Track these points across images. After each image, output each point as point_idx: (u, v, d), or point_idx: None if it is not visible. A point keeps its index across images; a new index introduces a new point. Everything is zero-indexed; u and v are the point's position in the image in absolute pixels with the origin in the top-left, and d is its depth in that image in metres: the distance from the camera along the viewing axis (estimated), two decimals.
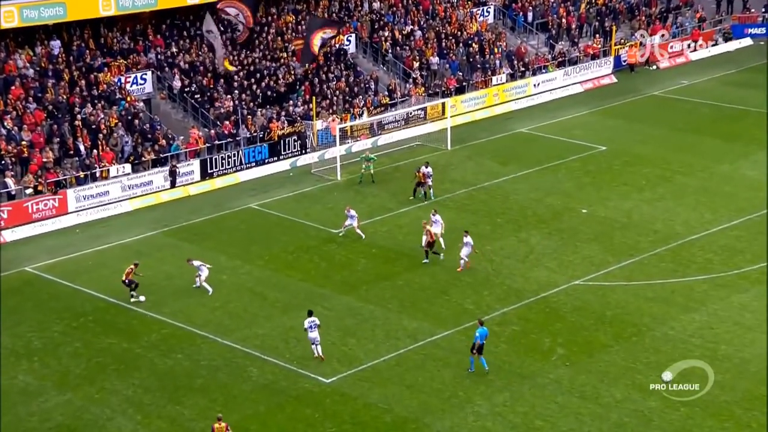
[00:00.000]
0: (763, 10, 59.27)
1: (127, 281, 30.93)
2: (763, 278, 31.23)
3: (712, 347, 27.56)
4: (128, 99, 42.53)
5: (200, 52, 46.03)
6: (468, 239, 32.50)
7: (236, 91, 44.85)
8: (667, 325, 29.01)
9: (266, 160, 43.54)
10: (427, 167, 38.88)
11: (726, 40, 58.43)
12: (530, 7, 56.05)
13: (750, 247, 33.34)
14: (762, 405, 25.00)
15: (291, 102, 45.75)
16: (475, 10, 54.92)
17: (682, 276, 31.82)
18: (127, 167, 39.97)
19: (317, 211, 38.47)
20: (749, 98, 49.33)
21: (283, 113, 45.05)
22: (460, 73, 50.76)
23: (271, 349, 28.48)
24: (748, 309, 29.37)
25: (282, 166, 43.59)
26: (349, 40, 50.47)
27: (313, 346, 27.65)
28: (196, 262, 31.79)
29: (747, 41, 58.30)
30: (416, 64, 50.19)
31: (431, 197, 38.18)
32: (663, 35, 56.36)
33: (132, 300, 30.94)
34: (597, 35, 55.77)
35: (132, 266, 31.13)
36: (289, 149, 44.21)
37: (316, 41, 45.90)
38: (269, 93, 45.70)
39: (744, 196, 37.52)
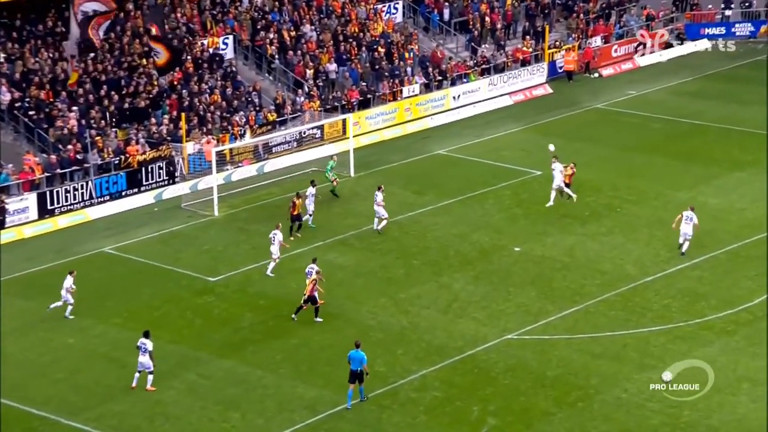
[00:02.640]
0: (722, 6, 61.86)
1: None
2: (730, 328, 32.30)
3: (674, 413, 28.28)
4: None
5: (37, 59, 45.33)
6: None
7: (82, 107, 44.30)
8: (619, 386, 29.67)
9: (124, 193, 43.06)
10: (313, 186, 39.80)
11: (679, 42, 60.77)
12: (446, 4, 57.21)
13: (714, 291, 34.45)
14: None
15: (154, 120, 45.41)
16: (380, 6, 55.76)
17: (636, 327, 32.62)
18: None
19: (190, 255, 38.15)
20: (708, 111, 51.28)
21: (144, 134, 44.67)
22: (364, 83, 51.34)
23: (131, 430, 28.03)
24: (714, 365, 30.28)
25: (144, 199, 43.17)
26: (226, 44, 50.53)
27: (137, 374, 28.85)
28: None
29: (704, 43, 60.75)
30: (310, 73, 50.54)
31: (310, 225, 38.85)
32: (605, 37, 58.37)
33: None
34: (527, 37, 57.25)
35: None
36: (152, 178, 43.82)
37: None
38: (126, 109, 45.27)
39: (706, 228, 38.81)
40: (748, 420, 27.92)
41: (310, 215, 39.59)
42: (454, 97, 52.99)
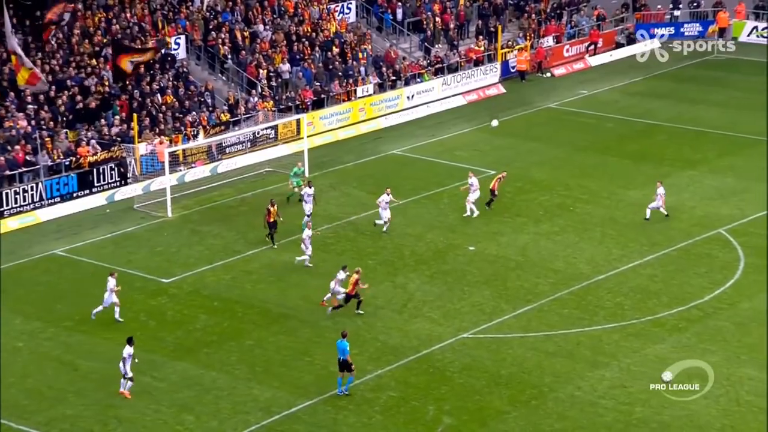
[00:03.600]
0: (671, 6, 62.63)
1: None
2: (681, 325, 32.70)
3: (626, 410, 28.57)
4: None
5: None
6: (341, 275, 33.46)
7: (32, 107, 43.82)
8: (572, 384, 29.93)
9: (75, 194, 42.67)
10: (310, 187, 39.66)
11: (629, 41, 61.40)
12: (399, 4, 57.35)
13: (666, 289, 34.85)
14: None
15: (105, 121, 45.06)
16: (333, 6, 55.75)
17: (589, 325, 32.92)
18: None
19: (143, 257, 37.91)
20: (659, 110, 51.87)
21: (95, 135, 44.31)
22: (318, 83, 51.31)
23: None
24: (665, 363, 30.62)
25: (96, 200, 42.84)
26: (178, 44, 50.25)
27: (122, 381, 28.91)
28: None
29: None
30: (263, 73, 50.42)
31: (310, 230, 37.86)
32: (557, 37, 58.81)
33: None
34: (480, 37, 57.55)
35: None
36: (104, 180, 43.48)
37: (125, 66, 45.93)
38: (76, 109, 44.85)
39: (657, 227, 39.30)
40: (699, 416, 28.29)
41: (309, 216, 38.94)
42: (407, 97, 53.11)
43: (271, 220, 37.60)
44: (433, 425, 28.22)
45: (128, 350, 28.99)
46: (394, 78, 53.36)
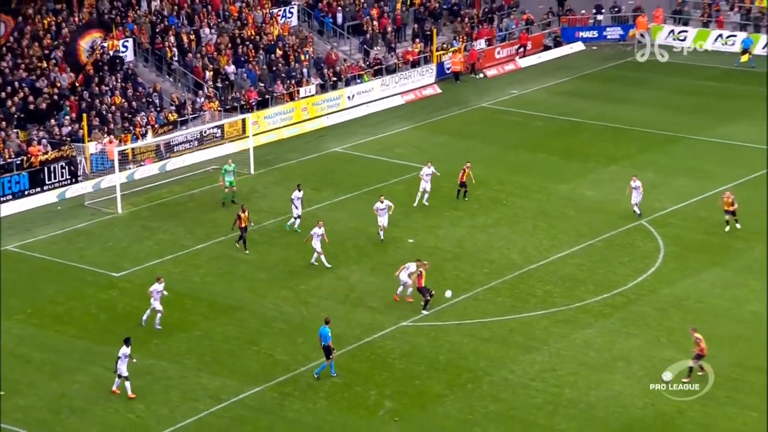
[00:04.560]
0: (594, 11, 63.30)
1: None
2: (606, 311, 33.06)
3: (556, 392, 28.84)
4: None
5: None
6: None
7: None
8: (506, 368, 30.15)
9: (26, 192, 42.04)
10: (299, 191, 38.58)
11: (556, 44, 61.93)
12: (339, 8, 57.25)
13: (592, 277, 35.23)
14: None
15: (55, 121, 44.40)
16: (275, 11, 55.47)
17: (521, 312, 33.19)
18: None
19: (94, 252, 37.44)
20: (584, 110, 52.38)
21: (46, 134, 43.64)
22: (262, 84, 51.04)
23: (37, 423, 27.44)
24: (592, 347, 31.00)
25: (47, 198, 42.21)
26: (126, 46, 49.67)
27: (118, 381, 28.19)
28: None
29: (578, 46, 62.07)
30: (209, 74, 50.03)
31: (296, 229, 37.14)
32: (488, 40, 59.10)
33: None
34: (416, 40, 57.65)
35: None
36: (55, 178, 42.87)
37: (84, 46, 45.00)
38: (27, 110, 44.11)
39: (584, 219, 39.69)
40: (623, 396, 28.67)
41: (298, 218, 38.16)
42: (348, 97, 53.03)
43: (242, 225, 36.64)
44: (374, 409, 28.27)
45: (124, 350, 28.31)
46: (335, 79, 53.25)
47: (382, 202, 37.52)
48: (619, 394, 28.71)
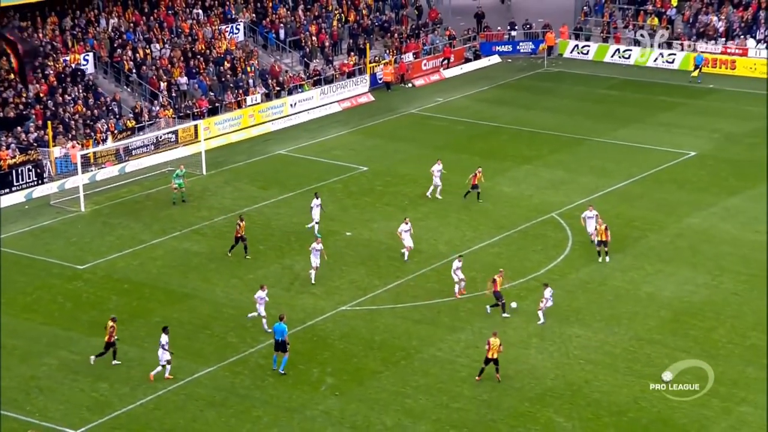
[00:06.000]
0: (508, 28, 64.02)
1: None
2: (522, 294, 33.44)
3: (478, 366, 29.02)
4: None
5: None
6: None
7: None
8: (434, 346, 30.34)
9: None
10: (316, 198, 37.22)
11: (476, 57, 62.41)
12: (281, 25, 56.97)
13: (510, 264, 35.55)
14: (526, 421, 26.73)
15: (22, 128, 43.56)
16: (223, 27, 54.99)
17: (448, 296, 33.37)
18: None
19: (59, 247, 36.84)
20: (502, 115, 52.84)
21: (14, 140, 42.76)
22: (212, 94, 50.59)
23: (9, 402, 27.00)
24: (510, 326, 31.32)
25: (15, 198, 41.43)
26: (87, 60, 48.91)
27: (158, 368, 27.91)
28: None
29: (495, 58, 62.62)
30: (163, 85, 49.44)
31: (316, 234, 36.10)
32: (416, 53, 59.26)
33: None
34: (351, 53, 57.62)
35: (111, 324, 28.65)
36: (23, 179, 42.07)
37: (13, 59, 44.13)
38: None
39: (502, 213, 40.06)
40: (537, 369, 29.06)
41: (317, 223, 37.22)
42: (291, 105, 52.79)
43: (239, 235, 35.54)
44: (317, 385, 28.26)
45: (165, 338, 27.82)
46: (278, 89, 52.99)
47: (407, 224, 35.49)
48: (533, 367, 29.08)
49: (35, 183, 42.37)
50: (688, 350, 29.69)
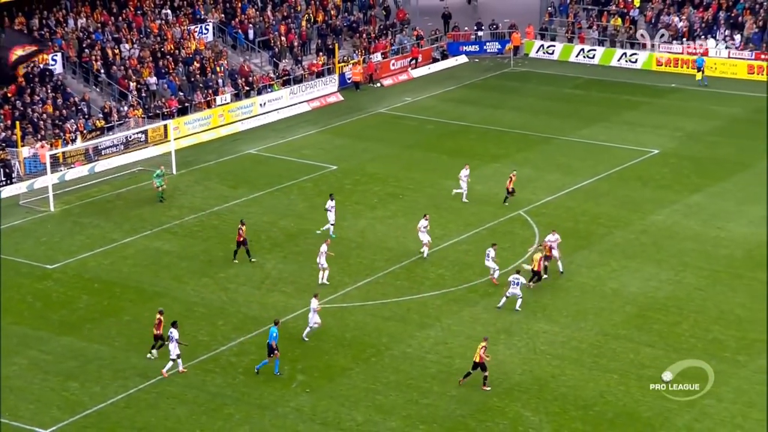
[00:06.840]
0: (475, 28, 64.25)
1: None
2: (491, 291, 33.60)
3: (447, 362, 29.23)
4: None
5: None
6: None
7: None
8: (404, 343, 30.41)
9: None
10: (331, 200, 36.79)
11: (443, 57, 62.55)
12: (250, 25, 56.77)
13: (478, 261, 35.65)
14: (494, 416, 26.87)
15: None
16: (192, 27, 54.69)
17: (417, 293, 33.48)
18: None
19: (29, 246, 36.50)
20: (469, 114, 53.03)
21: None
22: (182, 93, 50.29)
23: None
24: (479, 322, 31.48)
25: None
26: (55, 60, 48.41)
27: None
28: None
29: (462, 58, 62.82)
30: (133, 85, 49.07)
31: (331, 235, 35.90)
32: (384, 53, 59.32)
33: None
34: (320, 53, 57.54)
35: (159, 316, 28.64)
36: None
37: (14, 58, 43.55)
38: None
39: (470, 210, 40.20)
40: (505, 364, 29.20)
41: (332, 225, 36.90)
42: (260, 105, 52.63)
43: (240, 239, 35.15)
44: (288, 382, 28.22)
45: (176, 333, 27.73)
46: (248, 88, 52.79)
47: (426, 219, 35.39)
48: (502, 363, 29.22)
49: (4, 183, 41.92)
50: (653, 345, 30.00)
